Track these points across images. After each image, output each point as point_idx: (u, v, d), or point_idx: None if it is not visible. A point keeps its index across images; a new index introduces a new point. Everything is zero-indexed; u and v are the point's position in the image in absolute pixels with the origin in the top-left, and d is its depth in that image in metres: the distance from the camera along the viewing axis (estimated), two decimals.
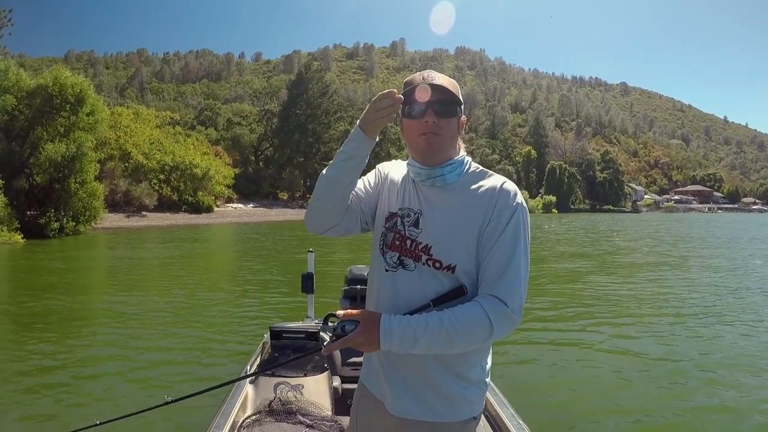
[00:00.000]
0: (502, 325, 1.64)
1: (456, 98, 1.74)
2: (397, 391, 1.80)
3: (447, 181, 1.78)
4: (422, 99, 1.69)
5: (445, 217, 1.74)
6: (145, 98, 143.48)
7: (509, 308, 1.64)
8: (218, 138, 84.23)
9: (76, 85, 31.05)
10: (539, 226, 51.17)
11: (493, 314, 1.62)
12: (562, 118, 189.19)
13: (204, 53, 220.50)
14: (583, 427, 5.35)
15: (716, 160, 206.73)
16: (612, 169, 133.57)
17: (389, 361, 1.81)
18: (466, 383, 1.78)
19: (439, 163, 1.77)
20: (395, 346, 1.64)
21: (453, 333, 1.61)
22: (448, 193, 1.78)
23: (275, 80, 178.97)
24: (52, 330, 9.09)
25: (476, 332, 1.63)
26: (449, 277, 1.71)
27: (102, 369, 6.89)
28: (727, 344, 8.20)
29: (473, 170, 1.82)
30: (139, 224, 42.14)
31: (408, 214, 1.80)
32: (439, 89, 1.71)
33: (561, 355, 7.69)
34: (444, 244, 1.72)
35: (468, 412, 1.79)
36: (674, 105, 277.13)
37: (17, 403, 5.67)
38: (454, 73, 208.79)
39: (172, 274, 16.90)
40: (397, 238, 1.80)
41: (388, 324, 1.64)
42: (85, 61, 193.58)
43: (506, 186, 1.75)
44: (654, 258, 21.86)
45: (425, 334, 1.61)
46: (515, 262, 1.68)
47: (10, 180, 28.64)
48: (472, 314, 1.63)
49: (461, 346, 1.66)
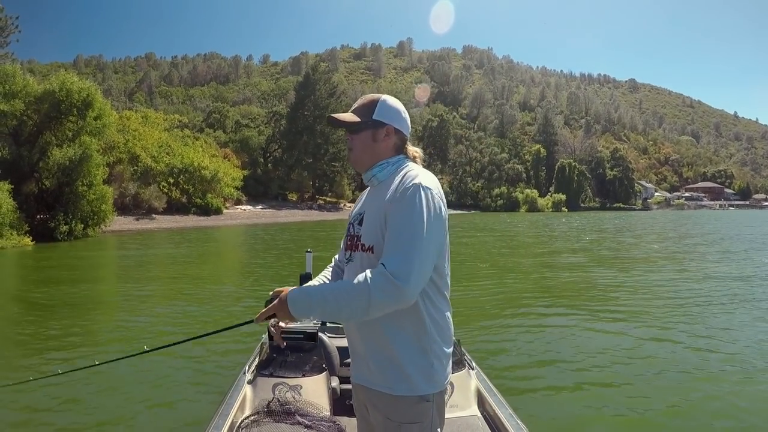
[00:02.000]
0: (381, 287, 1.81)
1: (349, 119, 2.15)
2: (356, 362, 2.17)
3: (379, 179, 2.15)
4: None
5: (370, 210, 2.09)
6: (153, 102, 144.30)
7: (388, 271, 1.81)
8: (227, 140, 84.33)
9: (83, 89, 31.21)
10: (547, 224, 51.04)
11: (373, 276, 1.83)
12: (571, 116, 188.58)
13: (212, 56, 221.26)
14: (581, 427, 5.32)
15: (727, 156, 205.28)
16: (622, 167, 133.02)
17: (348, 336, 2.19)
18: (410, 358, 2.01)
19: (364, 169, 2.19)
20: (298, 311, 1.94)
21: (338, 295, 1.88)
22: (378, 191, 2.12)
23: (283, 82, 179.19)
24: (56, 325, 9.12)
25: (356, 295, 1.84)
26: (370, 256, 2.02)
27: (97, 368, 6.84)
28: (736, 345, 8.08)
29: (402, 169, 2.12)
30: (148, 227, 42.28)
31: (356, 218, 2.17)
32: (330, 118, 2.17)
33: (561, 355, 7.62)
34: (367, 231, 2.06)
35: (405, 388, 2.00)
36: (684, 101, 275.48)
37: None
38: (461, 71, 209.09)
39: (175, 274, 16.93)
40: (350, 239, 2.17)
41: (292, 293, 1.97)
42: (93, 66, 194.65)
43: (409, 174, 2.03)
44: (667, 260, 21.70)
45: (316, 297, 1.93)
46: (403, 235, 1.88)
47: (20, 184, 28.81)
48: (357, 280, 1.87)
49: (347, 309, 1.87)
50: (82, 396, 5.89)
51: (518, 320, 9.87)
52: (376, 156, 2.15)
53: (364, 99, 2.19)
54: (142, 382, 6.33)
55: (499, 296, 12.31)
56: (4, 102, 29.64)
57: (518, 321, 9.79)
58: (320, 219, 60.32)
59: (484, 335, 8.56)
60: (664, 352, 7.68)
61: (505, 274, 16.30)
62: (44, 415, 5.43)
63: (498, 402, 3.44)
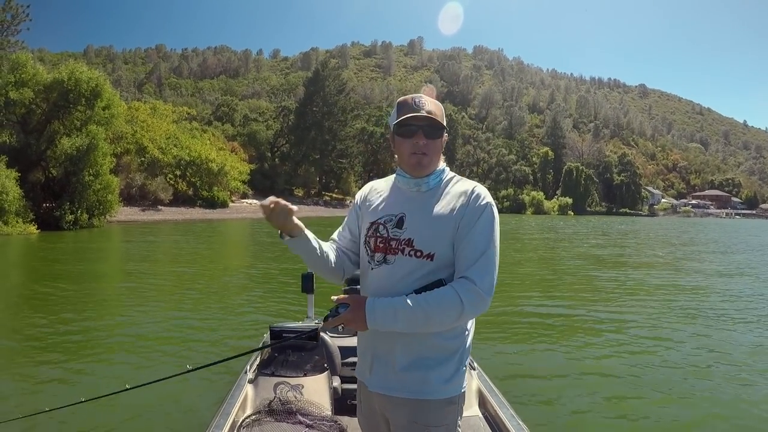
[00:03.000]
0: (472, 301, 1.91)
1: (441, 123, 2.05)
2: (377, 368, 2.11)
3: (430, 186, 2.11)
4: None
5: (424, 215, 2.05)
6: (163, 94, 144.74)
7: (478, 287, 1.91)
8: (234, 134, 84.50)
9: (91, 79, 31.46)
10: (552, 227, 50.97)
11: (464, 293, 1.89)
12: (579, 120, 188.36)
13: (222, 49, 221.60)
14: (583, 428, 5.30)
15: (735, 164, 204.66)
16: (629, 172, 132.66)
17: (372, 341, 2.11)
18: (442, 362, 2.03)
19: (425, 175, 2.11)
20: (379, 322, 1.94)
21: (428, 308, 1.90)
22: (428, 196, 2.10)
23: (293, 77, 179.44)
24: (50, 315, 9.14)
25: (449, 308, 1.90)
26: (429, 263, 2.00)
27: (100, 367, 6.88)
28: (738, 352, 8.00)
29: (449, 177, 2.16)
30: (153, 218, 42.44)
31: (390, 219, 2.12)
32: (426, 117, 2.03)
33: (562, 355, 7.62)
34: (424, 237, 2.02)
35: (437, 391, 2.03)
36: (693, 108, 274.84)
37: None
38: (471, 72, 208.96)
39: (176, 268, 16.95)
40: (380, 242, 2.10)
41: (372, 304, 1.96)
42: (104, 57, 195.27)
43: (477, 189, 2.06)
44: (670, 265, 21.61)
45: (404, 310, 1.91)
46: (486, 250, 1.96)
47: (27, 173, 29.00)
48: (446, 293, 1.91)
49: (437, 321, 1.93)
50: (82, 395, 5.85)
51: (519, 320, 9.88)
52: (437, 162, 2.14)
53: (436, 103, 2.10)
54: (143, 381, 6.24)
55: (499, 296, 12.27)
56: (14, 90, 29.76)
57: (519, 321, 9.79)
58: (326, 215, 60.39)
59: (484, 335, 8.51)
60: (670, 354, 7.65)
61: (505, 274, 16.24)
62: (43, 406, 5.41)
63: (499, 402, 3.45)
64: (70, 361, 7.00)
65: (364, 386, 2.20)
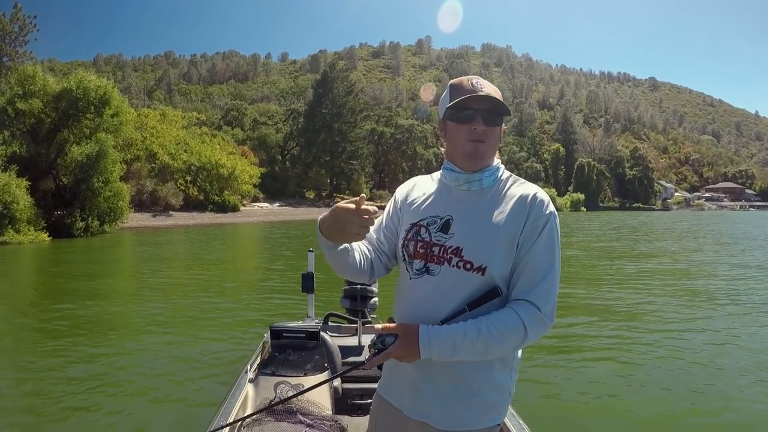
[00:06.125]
0: (536, 329, 1.70)
1: (504, 107, 1.79)
2: (420, 396, 1.82)
3: (483, 185, 1.82)
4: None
5: (476, 221, 1.78)
6: (172, 100, 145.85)
7: (543, 313, 1.70)
8: (244, 138, 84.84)
9: (99, 87, 31.70)
10: (568, 225, 50.80)
11: (528, 320, 1.68)
12: (590, 115, 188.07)
13: (231, 54, 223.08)
14: (584, 430, 5.24)
15: (748, 156, 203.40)
16: (641, 166, 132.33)
17: (417, 368, 1.81)
18: (494, 387, 1.81)
19: (480, 169, 1.82)
20: (435, 356, 1.68)
21: (490, 340, 1.66)
22: (480, 198, 1.82)
23: (302, 80, 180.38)
24: (65, 317, 9.14)
25: (512, 338, 1.68)
26: (479, 278, 1.73)
27: (100, 367, 6.84)
28: (743, 358, 7.83)
29: (506, 177, 1.87)
30: (165, 223, 42.61)
31: (433, 221, 1.83)
32: (487, 98, 1.76)
33: (564, 356, 7.53)
34: (476, 246, 1.74)
35: (491, 418, 1.82)
36: (704, 100, 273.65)
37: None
38: (480, 69, 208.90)
39: (182, 272, 17.01)
40: (421, 246, 1.82)
41: (426, 335, 1.67)
42: (113, 65, 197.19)
43: (539, 195, 1.79)
44: (676, 264, 21.44)
45: (464, 343, 1.66)
46: (550, 269, 1.73)
47: (37, 181, 29.26)
48: (508, 321, 1.68)
49: (497, 351, 1.70)
50: (84, 394, 5.84)
51: None
52: (494, 156, 1.87)
53: (490, 86, 1.81)
54: (144, 380, 6.31)
55: None
56: (22, 101, 30.03)
57: None
58: None
59: None
60: (675, 356, 7.48)
61: None
62: (44, 409, 5.45)
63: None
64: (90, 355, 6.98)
65: (390, 407, 1.93)
